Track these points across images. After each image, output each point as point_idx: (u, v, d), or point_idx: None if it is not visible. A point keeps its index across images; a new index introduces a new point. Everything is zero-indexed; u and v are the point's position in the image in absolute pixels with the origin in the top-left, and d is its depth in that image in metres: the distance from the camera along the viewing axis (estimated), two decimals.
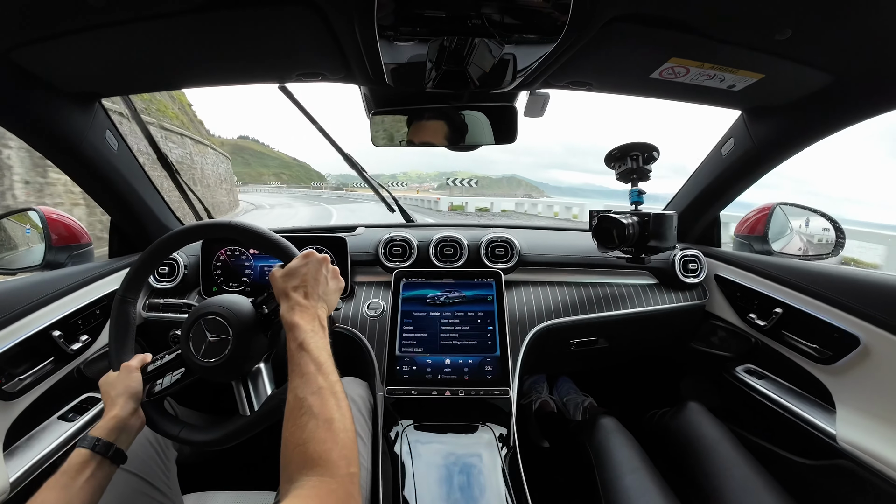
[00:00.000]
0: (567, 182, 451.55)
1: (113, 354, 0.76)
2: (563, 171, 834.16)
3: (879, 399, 0.85)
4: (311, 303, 0.65)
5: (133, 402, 0.68)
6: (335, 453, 0.48)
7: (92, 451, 0.60)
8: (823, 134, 0.99)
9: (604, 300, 1.25)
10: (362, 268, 1.29)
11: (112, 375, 0.71)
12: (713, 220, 1.42)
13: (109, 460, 0.62)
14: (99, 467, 0.60)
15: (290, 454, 0.49)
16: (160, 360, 0.74)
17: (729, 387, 1.22)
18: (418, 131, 1.13)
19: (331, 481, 0.46)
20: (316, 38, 0.72)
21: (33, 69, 0.77)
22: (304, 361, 0.56)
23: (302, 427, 0.50)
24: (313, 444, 0.48)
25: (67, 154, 0.97)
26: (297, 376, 0.56)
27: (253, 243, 0.76)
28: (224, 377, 0.70)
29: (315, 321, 0.63)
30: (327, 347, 0.61)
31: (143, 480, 0.75)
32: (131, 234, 1.25)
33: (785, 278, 1.06)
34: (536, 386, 1.70)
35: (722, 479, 0.90)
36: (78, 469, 0.58)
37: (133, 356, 0.75)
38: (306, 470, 0.46)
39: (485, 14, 0.62)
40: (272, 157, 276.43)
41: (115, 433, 0.64)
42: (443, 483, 0.82)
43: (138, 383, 0.70)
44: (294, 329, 0.60)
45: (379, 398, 1.02)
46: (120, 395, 0.68)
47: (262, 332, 0.72)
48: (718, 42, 0.73)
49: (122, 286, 0.77)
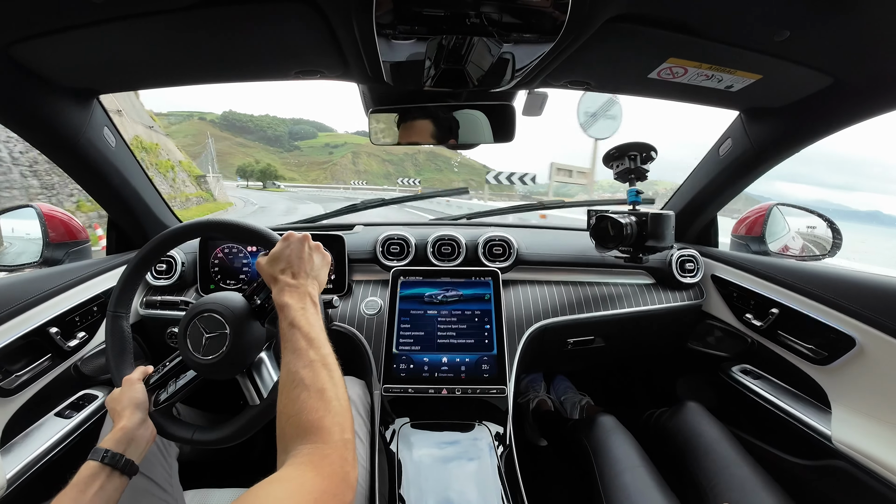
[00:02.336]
0: (797, 197, 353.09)
1: (113, 370, 0.76)
2: (791, 183, 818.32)
3: (874, 399, 0.86)
4: (300, 281, 0.65)
5: (140, 413, 0.68)
6: (327, 420, 0.49)
7: (101, 462, 0.60)
8: (821, 135, 0.99)
9: (601, 299, 1.26)
10: (360, 266, 1.29)
11: (116, 392, 0.71)
12: (710, 221, 1.43)
13: (119, 472, 0.61)
14: (109, 479, 0.60)
15: (284, 426, 0.50)
16: (162, 369, 0.74)
17: (725, 387, 1.22)
18: (416, 130, 1.13)
19: (324, 447, 0.46)
20: (314, 36, 0.72)
21: (32, 65, 0.77)
22: (295, 338, 0.57)
23: (294, 399, 0.51)
24: (305, 413, 0.49)
25: (64, 150, 0.96)
26: (289, 352, 0.56)
27: (233, 236, 0.77)
28: (227, 373, 0.71)
29: (305, 298, 0.63)
30: (319, 322, 0.62)
31: (146, 478, 0.75)
32: (129, 230, 1.25)
33: (781, 279, 1.06)
34: (533, 385, 1.71)
35: (720, 478, 0.91)
36: (87, 482, 0.58)
37: (134, 369, 0.75)
38: (300, 439, 0.47)
39: (483, 13, 0.62)
40: (463, 164, 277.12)
41: (123, 444, 0.63)
42: (439, 481, 0.83)
43: (142, 394, 0.70)
44: (284, 309, 0.61)
45: (376, 396, 1.02)
46: (126, 407, 0.68)
47: (259, 321, 0.72)
48: (717, 43, 0.73)
49: (111, 302, 0.77)
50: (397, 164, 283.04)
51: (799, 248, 1.34)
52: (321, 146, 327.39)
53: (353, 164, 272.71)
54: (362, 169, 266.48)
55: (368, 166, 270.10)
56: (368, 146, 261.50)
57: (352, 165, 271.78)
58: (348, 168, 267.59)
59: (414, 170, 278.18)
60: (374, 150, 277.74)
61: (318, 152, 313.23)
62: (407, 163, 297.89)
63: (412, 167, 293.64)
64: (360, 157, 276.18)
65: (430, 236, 1.27)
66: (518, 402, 1.63)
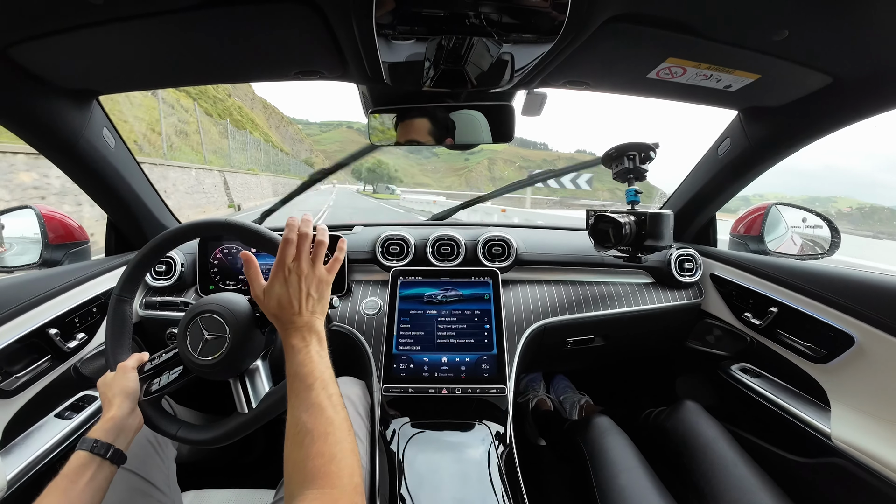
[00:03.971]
0: None
1: (109, 354, 0.75)
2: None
3: (873, 397, 0.86)
4: (303, 318, 0.62)
5: (130, 402, 0.68)
6: (334, 465, 0.48)
7: (91, 452, 0.60)
8: (820, 134, 0.99)
9: (600, 299, 1.26)
10: (359, 266, 1.29)
11: (109, 376, 0.71)
12: (709, 220, 1.43)
13: (109, 461, 0.62)
14: (99, 469, 0.60)
15: (291, 472, 0.50)
16: (157, 360, 0.74)
17: (724, 385, 1.23)
18: (416, 130, 1.13)
19: (333, 492, 0.46)
20: (314, 37, 0.72)
21: (31, 66, 0.77)
22: (295, 384, 0.57)
23: (299, 444, 0.50)
24: (311, 459, 0.49)
25: (64, 151, 0.96)
26: (293, 396, 0.56)
27: (242, 238, 0.75)
28: (221, 375, 0.70)
29: (310, 334, 0.61)
30: (325, 360, 0.60)
31: (142, 479, 0.75)
32: (128, 231, 1.25)
33: (780, 277, 1.07)
34: (533, 384, 1.71)
35: (718, 478, 0.91)
36: (78, 472, 0.58)
37: (130, 356, 0.75)
38: (307, 484, 0.47)
39: (483, 13, 0.62)
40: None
41: (112, 434, 0.63)
42: (440, 481, 0.83)
43: (135, 383, 0.70)
44: (289, 351, 0.60)
45: (376, 396, 1.02)
46: (116, 395, 0.67)
47: (260, 329, 0.72)
48: (715, 42, 0.73)
49: (118, 285, 0.77)
50: (533, 170, 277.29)
51: (797, 247, 1.34)
52: (457, 153, 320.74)
53: (488, 170, 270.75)
54: (497, 175, 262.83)
55: (504, 172, 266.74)
56: (506, 152, 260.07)
57: (487, 172, 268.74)
58: (483, 175, 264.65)
59: None
60: (511, 156, 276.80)
61: (455, 158, 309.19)
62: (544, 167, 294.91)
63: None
64: (497, 164, 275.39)
65: (430, 236, 1.28)
66: (517, 402, 1.64)
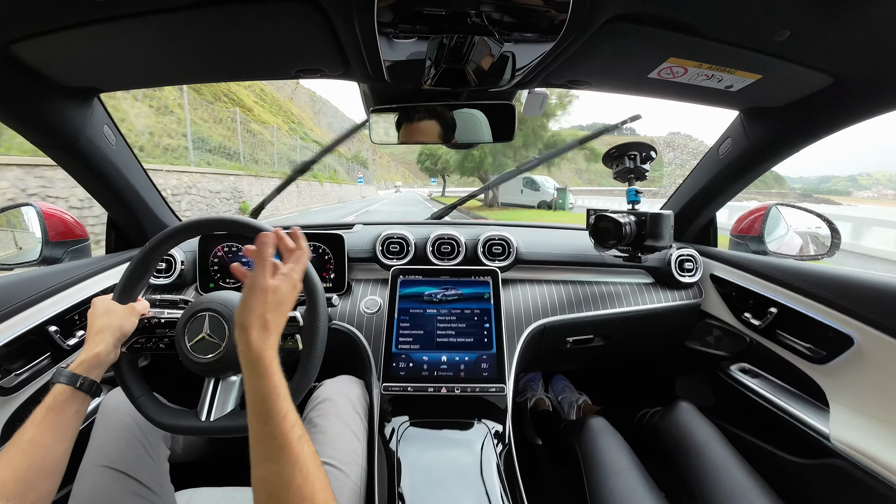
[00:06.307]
0: None
1: (120, 289, 0.74)
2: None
3: (873, 399, 0.86)
4: (252, 350, 0.56)
5: (116, 344, 0.68)
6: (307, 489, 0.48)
7: (76, 388, 0.61)
8: (821, 135, 0.99)
9: (600, 298, 1.26)
10: (359, 265, 1.29)
11: (111, 303, 0.70)
12: (709, 220, 1.43)
13: (91, 395, 0.64)
14: (83, 402, 0.62)
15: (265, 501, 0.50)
16: (157, 319, 0.75)
17: (723, 386, 1.23)
18: (416, 129, 1.13)
19: None
20: (315, 35, 0.72)
21: (33, 63, 0.77)
22: (254, 417, 0.54)
23: (258, 475, 0.51)
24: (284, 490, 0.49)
25: (64, 149, 0.96)
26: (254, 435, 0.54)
27: (233, 231, 0.75)
28: (210, 374, 0.71)
29: (256, 364, 0.55)
30: (266, 386, 0.54)
31: (134, 480, 0.75)
32: (128, 230, 1.25)
33: (780, 278, 1.07)
34: (532, 384, 1.71)
35: (709, 479, 0.90)
36: (62, 406, 0.60)
37: (140, 302, 0.75)
38: None
39: (484, 12, 0.62)
40: None
41: (92, 369, 0.65)
42: (439, 479, 0.83)
43: (132, 328, 0.70)
44: (246, 379, 0.56)
45: (375, 395, 1.02)
46: (109, 331, 0.68)
47: None
48: (717, 42, 0.73)
49: (154, 240, 0.76)
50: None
51: (797, 247, 1.34)
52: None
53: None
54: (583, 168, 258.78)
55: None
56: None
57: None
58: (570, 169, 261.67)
59: None
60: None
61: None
62: None
63: None
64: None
65: (430, 235, 1.28)
66: (516, 401, 1.64)
